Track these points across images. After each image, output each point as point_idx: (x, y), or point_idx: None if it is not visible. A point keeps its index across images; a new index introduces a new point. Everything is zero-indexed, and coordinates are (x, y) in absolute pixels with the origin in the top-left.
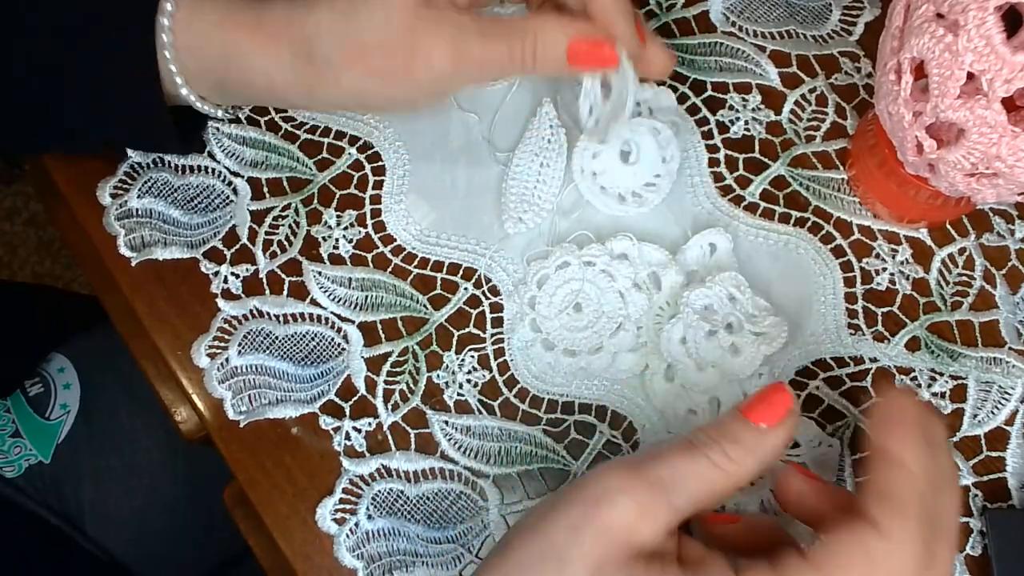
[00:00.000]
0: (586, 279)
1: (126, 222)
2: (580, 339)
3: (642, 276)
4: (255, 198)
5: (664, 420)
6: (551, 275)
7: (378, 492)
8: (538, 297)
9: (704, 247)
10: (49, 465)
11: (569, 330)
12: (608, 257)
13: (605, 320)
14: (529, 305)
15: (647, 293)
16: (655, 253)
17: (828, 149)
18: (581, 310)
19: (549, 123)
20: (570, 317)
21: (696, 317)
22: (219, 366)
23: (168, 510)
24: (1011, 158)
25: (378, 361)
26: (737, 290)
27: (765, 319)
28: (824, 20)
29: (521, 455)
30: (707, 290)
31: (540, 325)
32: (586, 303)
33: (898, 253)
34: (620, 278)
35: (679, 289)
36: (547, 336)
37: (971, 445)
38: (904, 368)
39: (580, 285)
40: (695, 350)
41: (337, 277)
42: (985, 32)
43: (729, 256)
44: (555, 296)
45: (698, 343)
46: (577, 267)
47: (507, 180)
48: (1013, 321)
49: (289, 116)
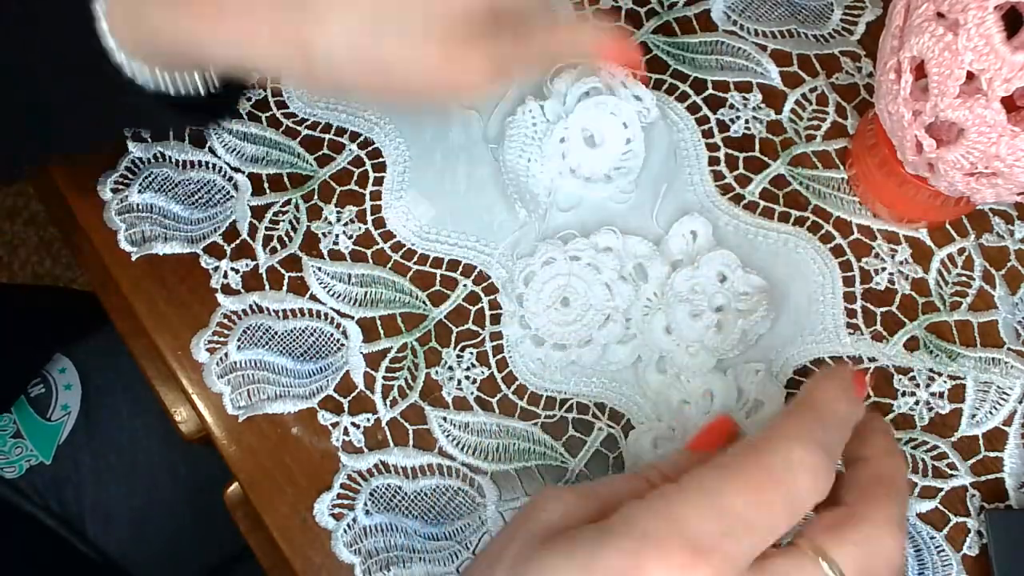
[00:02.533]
0: (572, 273)
1: (127, 217)
2: (569, 333)
3: (628, 268)
4: (255, 193)
5: (657, 411)
6: (537, 271)
7: (376, 488)
8: (525, 294)
9: (686, 235)
10: (50, 466)
11: (558, 324)
12: (593, 251)
13: (593, 313)
14: (517, 302)
15: (634, 285)
16: (639, 245)
17: (828, 148)
18: (569, 304)
19: (532, 119)
20: (558, 312)
21: (679, 301)
22: (218, 361)
23: (168, 510)
24: (1010, 157)
25: (377, 357)
26: (728, 268)
27: (754, 296)
28: (825, 19)
29: (519, 452)
30: (693, 271)
31: (529, 321)
32: (573, 297)
33: (897, 253)
34: (606, 271)
35: (665, 279)
36: (536, 332)
37: (969, 445)
38: (902, 368)
39: (567, 280)
40: (680, 335)
41: (337, 273)
42: (985, 31)
43: (710, 240)
44: (542, 292)
45: (681, 327)
46: (563, 262)
47: (505, 174)
48: (1012, 321)
49: (290, 112)
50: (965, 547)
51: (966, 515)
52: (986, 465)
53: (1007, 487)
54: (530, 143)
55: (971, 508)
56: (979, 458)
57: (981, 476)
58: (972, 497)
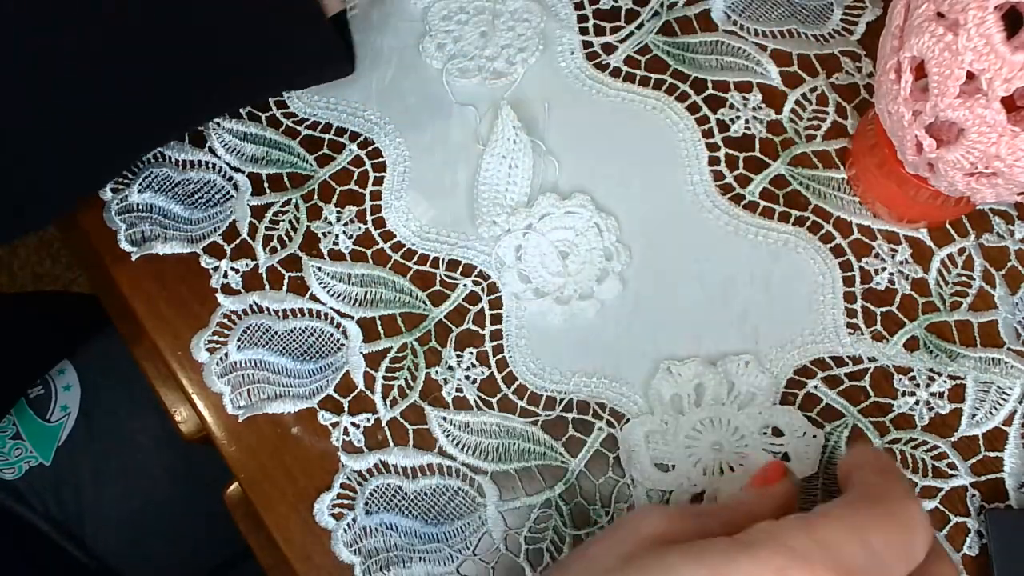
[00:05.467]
0: (568, 227)
1: (127, 217)
2: (568, 285)
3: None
4: (255, 193)
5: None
6: (536, 224)
7: (376, 488)
8: (524, 246)
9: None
10: (49, 467)
11: (556, 275)
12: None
13: (590, 268)
14: (516, 256)
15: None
16: None
17: (828, 148)
18: (567, 258)
19: (512, 124)
20: (556, 264)
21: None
22: (218, 361)
23: (168, 510)
24: (1010, 157)
25: (377, 357)
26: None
27: None
28: (825, 19)
29: (519, 452)
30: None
31: (529, 275)
32: (572, 251)
33: (897, 253)
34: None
35: None
36: (538, 287)
37: (969, 445)
38: (903, 368)
39: (565, 234)
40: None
41: (337, 273)
42: (985, 31)
43: None
44: (540, 244)
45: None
46: (561, 215)
47: (478, 186)
48: (1012, 322)
49: (290, 112)
50: (965, 547)
51: (966, 515)
52: (986, 465)
53: (1007, 487)
54: (512, 148)
55: (971, 508)
56: (979, 458)
57: (981, 476)
58: (972, 497)
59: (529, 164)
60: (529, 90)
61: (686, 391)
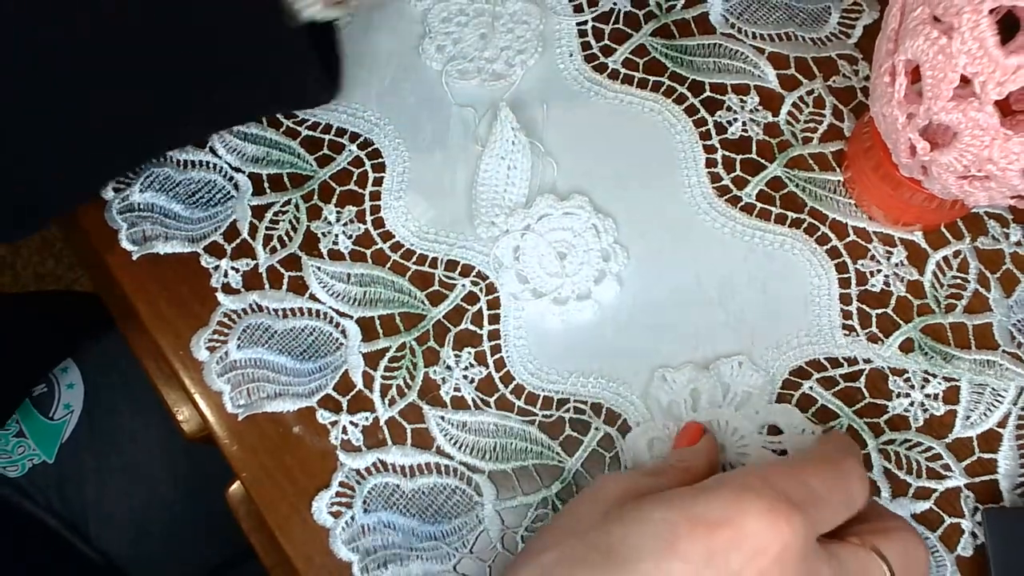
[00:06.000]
0: (566, 228)
1: (128, 216)
2: (566, 285)
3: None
4: (256, 193)
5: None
6: (534, 225)
7: (374, 486)
8: (522, 247)
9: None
10: (53, 465)
11: (554, 276)
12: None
13: (588, 269)
14: (514, 256)
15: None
16: None
17: (825, 151)
18: (565, 258)
19: (511, 125)
20: (554, 265)
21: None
22: (218, 359)
23: (169, 509)
24: (1003, 161)
25: (375, 356)
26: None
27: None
28: (823, 23)
29: (516, 451)
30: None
31: (527, 276)
32: (570, 252)
33: (893, 255)
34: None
35: None
36: (536, 287)
37: (963, 446)
38: (897, 369)
39: (563, 235)
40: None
41: (336, 273)
42: (979, 35)
43: None
44: (539, 246)
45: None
46: (559, 216)
47: (476, 186)
48: (1007, 324)
49: (291, 113)
50: (959, 548)
51: (960, 516)
52: (980, 467)
53: (1001, 488)
54: (510, 149)
55: (965, 509)
56: (973, 459)
57: (975, 477)
58: (966, 498)
59: (528, 165)
60: (528, 92)
61: (682, 397)
